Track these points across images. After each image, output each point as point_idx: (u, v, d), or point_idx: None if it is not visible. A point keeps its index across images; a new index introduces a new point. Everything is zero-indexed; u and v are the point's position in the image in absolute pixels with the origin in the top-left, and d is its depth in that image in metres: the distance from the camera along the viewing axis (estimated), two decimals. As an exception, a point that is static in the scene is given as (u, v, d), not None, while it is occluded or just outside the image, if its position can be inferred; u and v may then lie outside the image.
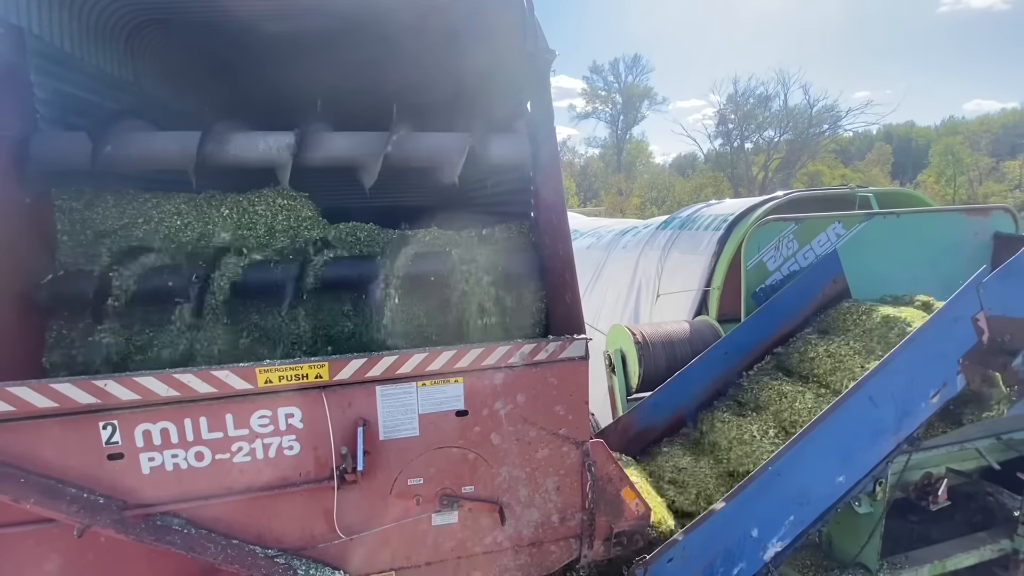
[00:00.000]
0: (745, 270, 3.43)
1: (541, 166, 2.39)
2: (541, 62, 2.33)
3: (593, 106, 60.28)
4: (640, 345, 3.26)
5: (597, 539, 2.23)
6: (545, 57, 2.33)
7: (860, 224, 3.56)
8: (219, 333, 2.07)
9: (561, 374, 2.08)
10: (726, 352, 3.15)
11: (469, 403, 1.99)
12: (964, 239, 3.71)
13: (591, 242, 6.69)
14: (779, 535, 2.35)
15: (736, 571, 2.31)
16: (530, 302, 2.31)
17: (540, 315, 2.29)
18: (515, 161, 2.44)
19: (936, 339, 2.43)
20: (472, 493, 2.05)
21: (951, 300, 2.42)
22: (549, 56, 2.34)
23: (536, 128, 2.41)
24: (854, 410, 2.34)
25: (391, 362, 1.87)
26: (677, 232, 4.64)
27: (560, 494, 2.16)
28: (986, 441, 2.94)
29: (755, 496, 2.23)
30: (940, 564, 2.93)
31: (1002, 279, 2.49)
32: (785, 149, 51.20)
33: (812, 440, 2.27)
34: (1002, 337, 2.48)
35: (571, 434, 2.13)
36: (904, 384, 2.41)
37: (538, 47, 2.29)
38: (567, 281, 2.21)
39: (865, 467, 2.45)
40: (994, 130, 57.28)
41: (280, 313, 2.14)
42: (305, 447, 1.86)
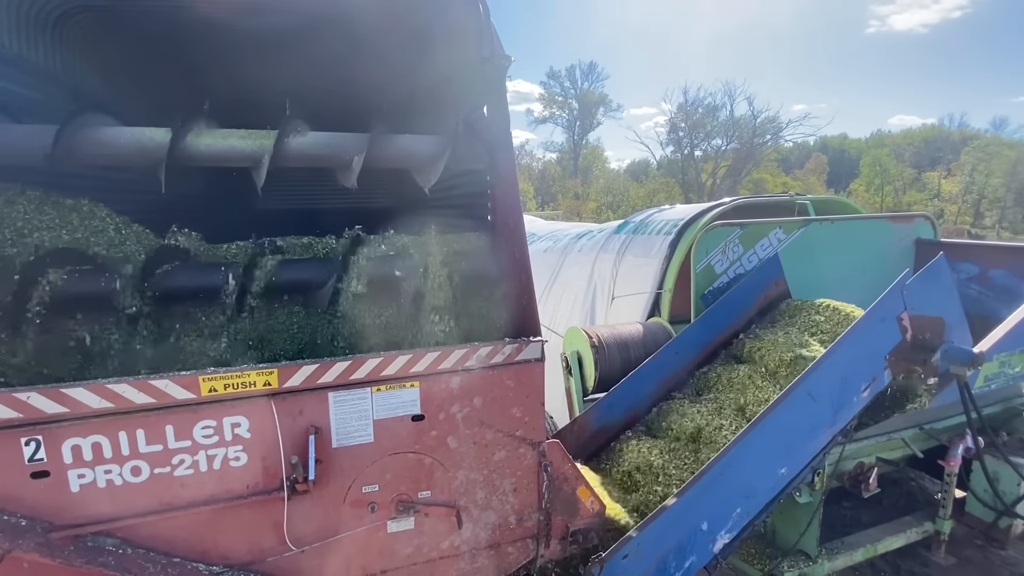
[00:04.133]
0: (694, 273, 3.57)
1: (498, 170, 2.40)
2: (497, 67, 2.34)
3: (550, 111, 61.17)
4: (596, 347, 3.33)
5: (553, 538, 2.26)
6: (501, 63, 2.34)
7: (799, 230, 3.77)
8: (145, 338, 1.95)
9: (518, 376, 2.09)
10: (676, 352, 3.26)
11: (425, 407, 1.97)
12: (890, 244, 4.00)
13: (548, 245, 6.75)
14: (727, 527, 2.44)
15: (688, 564, 2.38)
16: (486, 305, 2.31)
17: (497, 318, 2.30)
18: (473, 165, 2.45)
19: (866, 337, 2.61)
20: (429, 498, 2.03)
21: (879, 301, 2.60)
22: (505, 62, 2.35)
23: (493, 132, 2.42)
24: (794, 406, 2.47)
25: (344, 367, 1.83)
26: (631, 236, 4.77)
27: (517, 495, 2.17)
28: (910, 431, 3.17)
29: (704, 491, 2.31)
30: (872, 547, 3.14)
31: (922, 282, 2.69)
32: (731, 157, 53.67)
33: (757, 435, 2.38)
34: (923, 334, 2.69)
35: (528, 435, 2.15)
36: (838, 380, 2.57)
37: (494, 52, 2.30)
38: (523, 284, 2.22)
39: (805, 459, 2.59)
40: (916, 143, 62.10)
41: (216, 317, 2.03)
42: (253, 457, 1.79)
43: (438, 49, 2.67)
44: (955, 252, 3.92)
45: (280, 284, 2.08)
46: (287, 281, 2.09)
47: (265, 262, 2.08)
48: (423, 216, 2.65)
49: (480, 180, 2.53)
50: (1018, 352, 3.10)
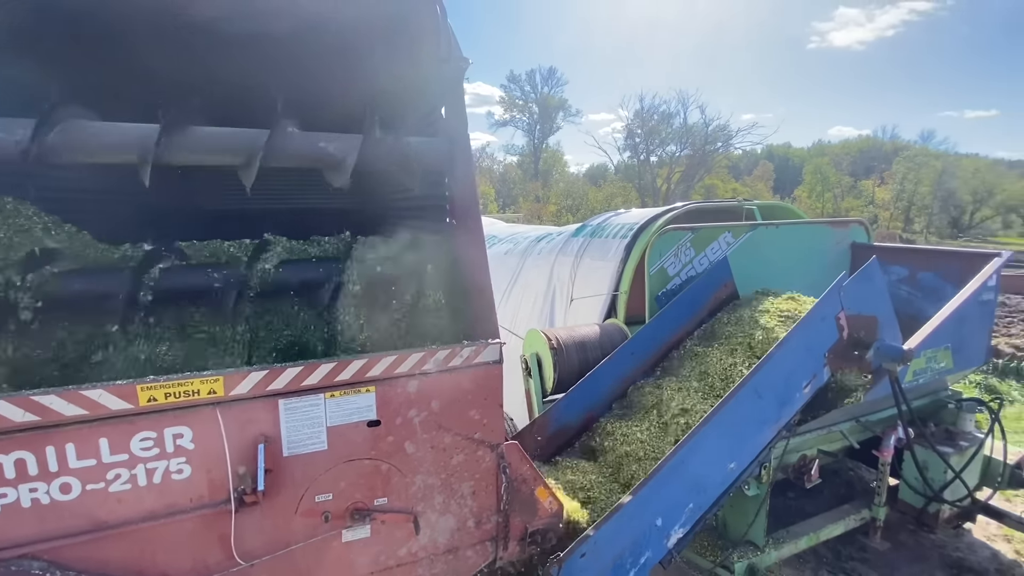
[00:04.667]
0: (648, 275, 3.67)
1: (456, 172, 2.39)
2: (455, 69, 2.34)
3: (511, 114, 61.50)
4: (554, 349, 3.36)
5: (512, 540, 2.27)
6: (459, 64, 2.34)
7: (746, 234, 3.94)
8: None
9: (476, 379, 2.08)
10: (632, 352, 3.33)
11: (382, 412, 1.93)
12: (829, 247, 4.24)
13: (508, 248, 6.77)
14: (680, 522, 2.52)
15: (643, 560, 2.44)
16: (444, 307, 2.29)
17: (454, 320, 2.29)
18: (430, 166, 2.43)
19: (807, 336, 2.75)
20: (385, 505, 1.99)
21: (819, 302, 2.75)
22: (463, 64, 2.35)
23: (451, 134, 2.41)
24: (742, 403, 2.57)
25: (295, 373, 1.77)
26: (588, 240, 4.85)
27: (476, 498, 2.17)
28: (848, 424, 3.36)
29: (658, 488, 2.38)
30: (815, 535, 3.30)
31: (857, 283, 2.87)
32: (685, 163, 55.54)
33: (707, 432, 2.47)
34: (858, 333, 2.86)
35: (486, 438, 2.14)
36: (782, 377, 2.70)
37: (452, 53, 2.29)
38: (482, 285, 2.23)
39: (752, 453, 2.71)
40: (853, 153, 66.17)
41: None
42: (197, 469, 1.70)
43: (393, 49, 2.64)
44: (887, 255, 4.20)
45: (177, 290, 2.01)
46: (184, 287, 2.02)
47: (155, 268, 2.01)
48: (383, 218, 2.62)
49: (439, 182, 2.51)
50: (943, 348, 3.34)
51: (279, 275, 2.19)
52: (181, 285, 2.04)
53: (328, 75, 2.91)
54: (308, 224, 2.60)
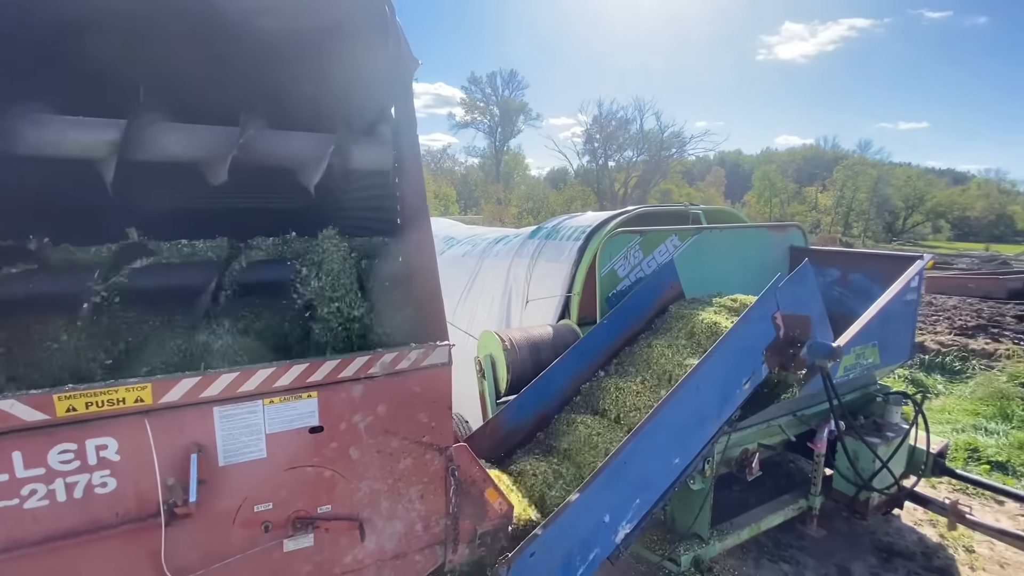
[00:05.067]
0: (599, 277, 3.75)
1: (405, 172, 2.38)
2: (404, 69, 2.33)
3: (472, 116, 61.45)
4: (508, 350, 3.38)
5: (461, 543, 2.26)
6: (408, 65, 2.33)
7: (692, 237, 4.09)
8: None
9: (424, 382, 2.07)
10: (583, 352, 3.39)
11: (324, 418, 1.89)
12: (769, 250, 4.45)
13: (467, 250, 6.76)
14: (628, 518, 2.58)
15: (592, 556, 2.48)
16: (392, 309, 2.27)
17: (403, 322, 2.27)
18: (379, 166, 2.40)
19: (746, 335, 2.88)
20: (329, 512, 1.95)
21: (756, 302, 2.88)
22: (412, 64, 2.34)
23: (399, 134, 2.39)
24: (685, 399, 2.67)
25: (231, 379, 1.71)
26: (544, 242, 4.90)
27: (424, 502, 2.15)
28: (786, 418, 3.53)
29: (605, 485, 2.43)
30: (756, 526, 3.45)
31: (792, 284, 3.02)
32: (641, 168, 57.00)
33: (652, 429, 2.54)
34: (793, 331, 3.01)
35: (435, 441, 2.13)
36: (723, 374, 2.81)
37: (401, 53, 2.28)
38: (431, 287, 2.22)
39: (696, 449, 2.80)
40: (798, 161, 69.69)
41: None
42: (124, 482, 1.62)
43: (341, 47, 2.60)
44: (821, 258, 4.45)
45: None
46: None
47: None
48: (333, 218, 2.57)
49: (387, 182, 2.49)
50: (870, 345, 3.56)
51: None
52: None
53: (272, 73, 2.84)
54: (251, 225, 2.52)
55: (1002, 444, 5.03)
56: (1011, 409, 5.65)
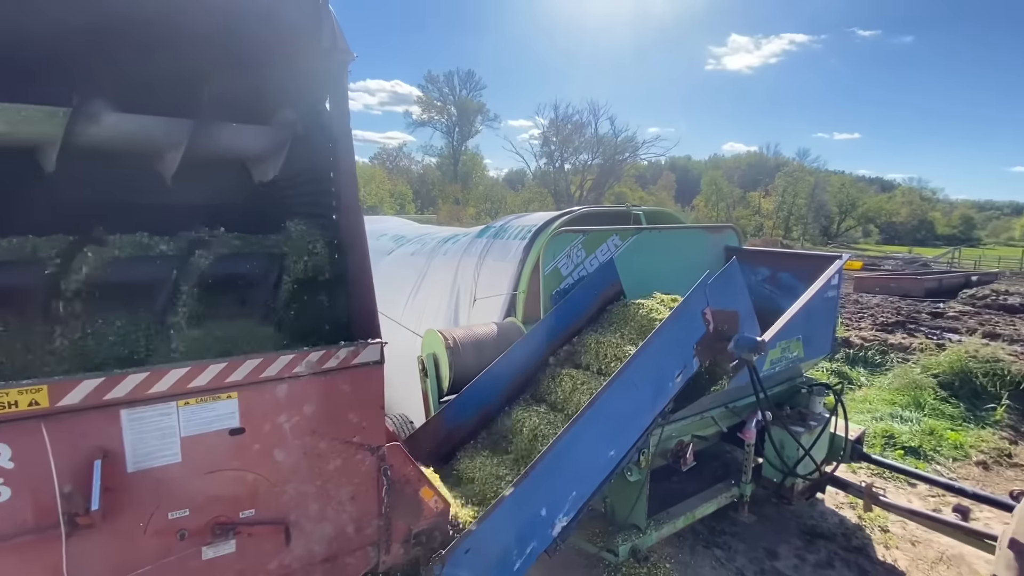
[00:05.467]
0: (543, 275, 3.80)
1: (339, 167, 2.34)
2: (337, 61, 2.29)
3: (429, 115, 60.86)
4: (451, 348, 3.37)
5: (395, 543, 2.24)
6: (341, 57, 2.29)
7: (632, 237, 4.21)
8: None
9: (355, 380, 2.04)
10: (525, 350, 3.43)
11: (246, 420, 1.83)
12: (706, 250, 4.65)
13: (416, 248, 6.70)
14: (564, 511, 2.62)
15: (529, 550, 2.51)
16: (323, 307, 2.23)
17: (333, 320, 2.22)
18: (312, 161, 2.36)
19: (677, 330, 2.99)
20: (252, 517, 1.89)
21: (686, 298, 3.00)
22: (345, 57, 2.30)
23: (333, 129, 2.35)
24: (619, 393, 2.73)
25: (140, 380, 1.63)
26: (492, 241, 4.93)
27: (355, 503, 2.12)
28: (719, 410, 3.70)
29: (541, 479, 2.46)
30: (691, 515, 3.59)
31: (720, 281, 3.17)
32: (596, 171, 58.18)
33: (587, 422, 2.59)
34: (721, 326, 3.16)
35: (366, 441, 2.10)
36: (656, 367, 2.90)
37: (335, 46, 2.24)
38: (364, 285, 2.19)
39: (631, 441, 2.88)
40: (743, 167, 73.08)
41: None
42: (19, 491, 1.52)
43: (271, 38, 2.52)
44: (753, 258, 4.68)
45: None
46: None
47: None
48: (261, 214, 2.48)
49: (322, 177, 2.44)
50: (795, 340, 3.78)
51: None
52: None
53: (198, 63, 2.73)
54: (177, 220, 2.40)
55: (915, 431, 5.46)
56: (923, 398, 6.14)
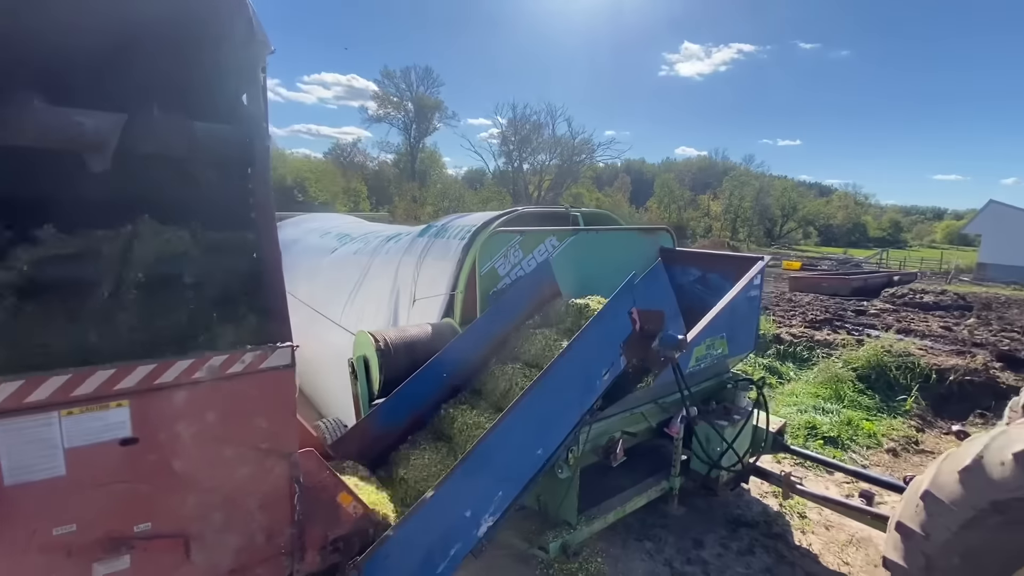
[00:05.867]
0: (479, 275, 3.80)
1: (254, 164, 2.26)
2: (253, 54, 2.21)
3: (386, 111, 59.75)
4: (381, 350, 3.32)
5: (310, 551, 2.19)
6: (258, 50, 2.21)
7: (569, 238, 4.28)
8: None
9: (263, 385, 1.98)
10: (459, 351, 3.42)
11: (139, 429, 1.74)
12: (641, 251, 4.78)
13: (359, 247, 6.57)
14: (490, 511, 2.63)
15: (453, 552, 2.51)
16: (229, 309, 2.14)
17: (240, 323, 2.14)
18: (224, 155, 2.26)
19: (604, 329, 3.06)
20: (148, 531, 1.80)
21: (613, 298, 3.07)
22: (262, 49, 2.23)
23: (248, 123, 2.27)
24: (546, 392, 2.77)
25: (15, 388, 1.52)
26: (432, 240, 4.89)
27: (265, 512, 2.05)
28: (649, 406, 3.81)
29: (464, 480, 2.46)
30: (621, 509, 3.68)
31: (646, 282, 3.28)
32: (554, 172, 58.85)
33: (512, 421, 2.61)
34: (647, 325, 3.26)
35: (276, 447, 2.04)
36: (582, 366, 2.96)
37: (252, 38, 2.16)
38: (274, 286, 2.12)
39: (558, 439, 2.92)
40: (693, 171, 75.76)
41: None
42: None
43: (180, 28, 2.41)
44: (685, 259, 4.86)
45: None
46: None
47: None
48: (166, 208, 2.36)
49: (232, 172, 2.34)
50: (719, 337, 3.95)
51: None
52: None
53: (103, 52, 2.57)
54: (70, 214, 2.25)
55: (834, 422, 5.82)
56: (843, 391, 6.56)
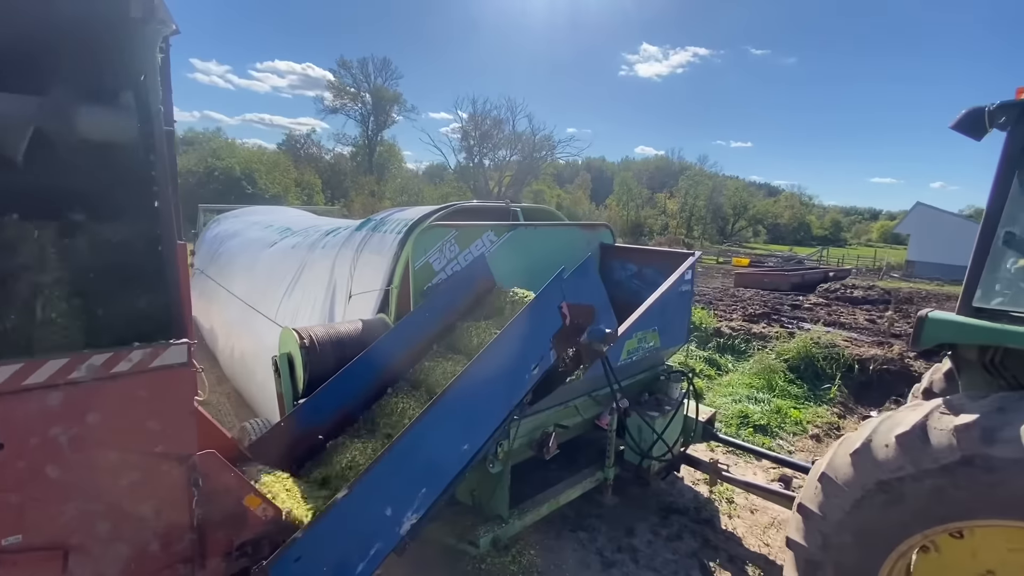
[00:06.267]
0: (413, 270, 3.74)
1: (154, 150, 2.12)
2: (151, 32, 2.07)
3: (342, 102, 58.17)
4: (306, 347, 3.21)
5: (213, 557, 2.09)
6: (157, 28, 2.08)
7: (508, 233, 4.27)
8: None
9: (154, 385, 1.86)
10: (389, 346, 3.35)
11: (5, 434, 1.60)
12: (581, 247, 4.83)
13: (298, 241, 6.36)
14: (413, 508, 2.58)
15: (374, 551, 2.44)
16: (116, 304, 2.01)
17: (130, 319, 2.02)
18: (111, 139, 2.12)
19: (533, 323, 3.06)
20: (19, 543, 1.67)
21: (541, 293, 3.08)
22: (163, 28, 2.10)
23: (146, 106, 2.13)
24: (470, 385, 2.74)
25: None
26: (370, 234, 4.77)
27: (160, 518, 1.94)
28: (582, 399, 3.86)
29: (382, 478, 2.40)
30: (555, 501, 3.71)
31: (576, 277, 3.29)
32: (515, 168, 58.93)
33: (434, 417, 2.57)
34: (577, 319, 3.28)
35: (171, 450, 1.93)
36: (510, 360, 2.95)
37: (151, 15, 2.02)
38: (169, 280, 2.00)
39: (486, 434, 2.90)
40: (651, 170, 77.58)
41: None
42: None
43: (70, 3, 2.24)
44: (623, 255, 4.95)
45: None
46: None
47: None
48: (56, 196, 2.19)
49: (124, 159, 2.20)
50: (651, 331, 4.04)
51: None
52: None
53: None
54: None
55: (765, 410, 6.09)
56: (775, 381, 6.87)
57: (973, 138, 2.22)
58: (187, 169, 38.48)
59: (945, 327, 2.26)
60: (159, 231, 2.19)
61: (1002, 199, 2.17)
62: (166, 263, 2.04)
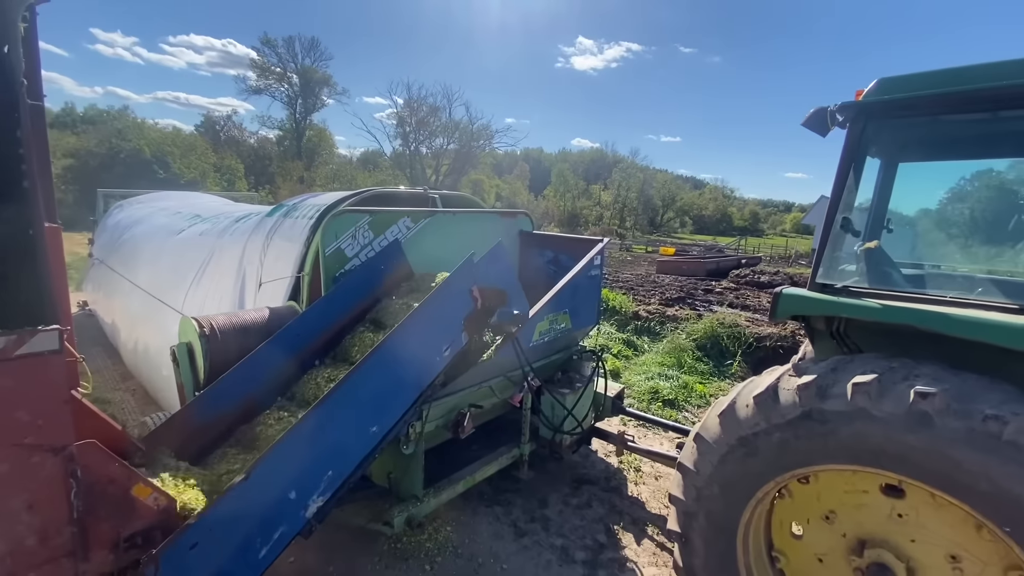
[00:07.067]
0: (323, 256, 3.70)
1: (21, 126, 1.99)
2: (9, 1, 1.93)
3: (267, 82, 54.88)
4: (205, 337, 3.12)
5: (99, 549, 2.03)
6: None
7: (425, 220, 4.31)
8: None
9: (20, 373, 1.77)
10: (297, 334, 3.32)
11: None
12: (501, 234, 4.95)
13: (207, 228, 6.04)
14: (319, 491, 2.61)
15: (277, 535, 2.45)
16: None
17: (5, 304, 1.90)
18: None
19: (444, 306, 3.14)
20: None
21: (450, 277, 3.17)
22: None
23: (10, 80, 1.98)
24: (380, 368, 2.79)
25: None
26: (282, 220, 4.65)
27: (35, 512, 1.86)
28: (497, 379, 4.00)
29: (283, 461, 2.41)
30: (471, 479, 3.85)
31: (487, 262, 3.40)
32: (453, 157, 58.30)
33: (339, 399, 2.60)
34: (489, 303, 3.41)
35: (44, 441, 1.85)
36: (420, 343, 3.02)
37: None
38: (38, 264, 1.90)
39: (396, 416, 2.95)
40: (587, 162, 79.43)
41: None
42: None
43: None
44: (541, 242, 5.13)
45: None
46: None
47: None
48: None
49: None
50: (562, 313, 4.24)
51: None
52: None
53: None
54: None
55: (674, 386, 6.57)
56: (684, 359, 7.41)
57: (819, 134, 2.54)
58: (86, 149, 34.98)
59: (795, 301, 2.59)
60: (29, 213, 2.07)
61: (840, 189, 2.50)
62: (37, 247, 1.94)
